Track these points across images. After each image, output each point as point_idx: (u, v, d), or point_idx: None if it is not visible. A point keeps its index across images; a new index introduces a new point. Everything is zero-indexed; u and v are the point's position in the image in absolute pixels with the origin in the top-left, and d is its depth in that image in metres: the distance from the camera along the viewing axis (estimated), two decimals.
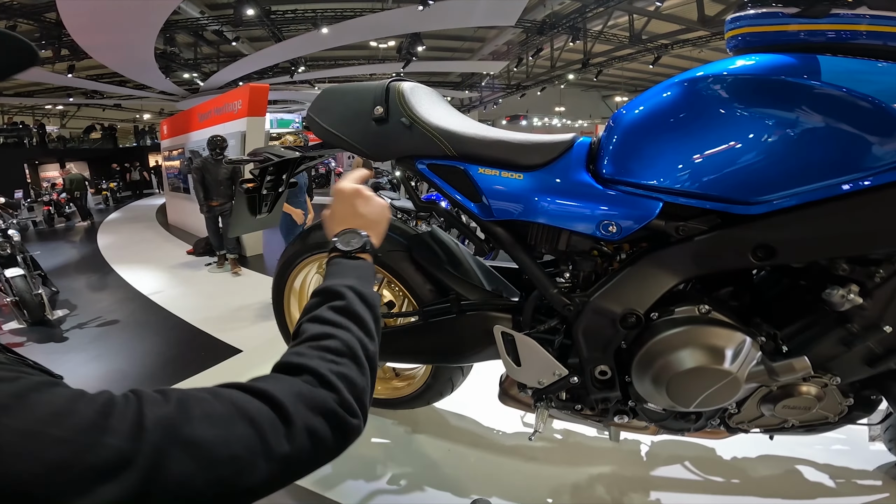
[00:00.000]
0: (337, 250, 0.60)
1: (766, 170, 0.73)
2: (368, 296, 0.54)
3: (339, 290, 0.53)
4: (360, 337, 0.48)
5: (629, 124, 0.83)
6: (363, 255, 0.61)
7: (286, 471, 0.37)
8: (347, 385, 0.43)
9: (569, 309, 0.91)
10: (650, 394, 0.91)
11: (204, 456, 0.33)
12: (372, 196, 0.69)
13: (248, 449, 0.35)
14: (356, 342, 0.47)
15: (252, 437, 0.35)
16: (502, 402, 1.21)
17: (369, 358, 0.48)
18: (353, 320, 0.50)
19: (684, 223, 0.82)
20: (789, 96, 0.71)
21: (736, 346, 0.80)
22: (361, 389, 0.44)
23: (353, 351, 0.46)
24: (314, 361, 0.43)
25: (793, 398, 0.89)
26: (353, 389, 0.43)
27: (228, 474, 0.34)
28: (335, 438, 0.40)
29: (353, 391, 0.43)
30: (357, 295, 0.53)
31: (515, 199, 0.91)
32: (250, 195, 1.39)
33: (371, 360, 0.48)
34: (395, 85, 1.02)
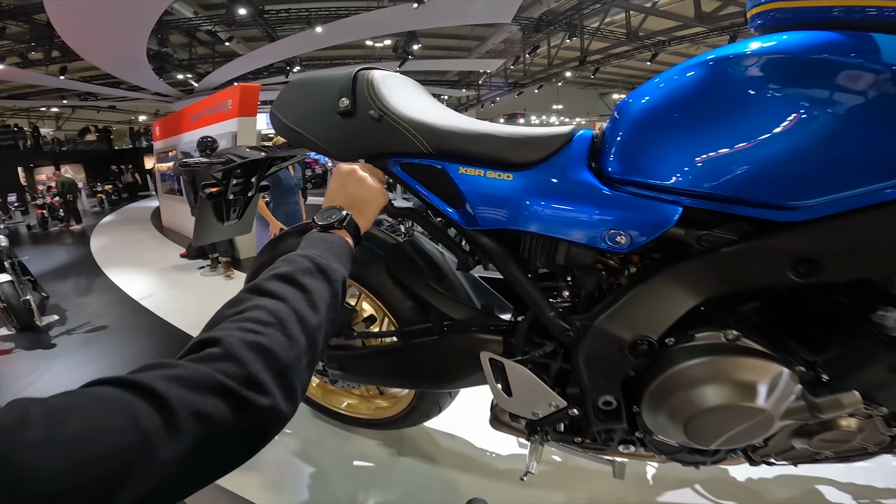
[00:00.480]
0: (316, 225, 0.60)
1: (810, 167, 0.59)
2: (327, 267, 0.50)
3: (293, 257, 0.50)
4: (296, 307, 0.43)
5: (640, 113, 0.68)
6: (339, 231, 0.59)
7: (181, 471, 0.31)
8: (263, 357, 0.37)
9: (568, 335, 0.77)
10: (662, 429, 0.77)
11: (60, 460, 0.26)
12: (366, 178, 0.69)
13: (117, 449, 0.28)
14: (289, 312, 0.42)
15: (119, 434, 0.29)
16: (494, 428, 1.08)
17: (306, 330, 0.42)
18: (296, 288, 0.45)
19: (708, 232, 0.68)
20: (844, 79, 0.57)
21: (772, 380, 0.66)
22: (285, 364, 0.38)
23: (281, 320, 0.41)
24: (225, 332, 0.38)
25: (832, 431, 0.76)
26: (270, 362, 0.37)
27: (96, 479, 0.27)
28: (239, 424, 0.34)
29: (270, 364, 0.37)
30: (314, 264, 0.49)
31: (504, 203, 0.76)
32: (215, 200, 1.26)
33: (309, 333, 0.43)
34: (363, 73, 0.88)
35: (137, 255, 5.76)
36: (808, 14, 0.63)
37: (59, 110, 18.88)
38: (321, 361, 1.21)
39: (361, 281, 1.05)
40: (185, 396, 0.32)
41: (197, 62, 12.21)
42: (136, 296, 3.96)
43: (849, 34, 0.59)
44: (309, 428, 1.60)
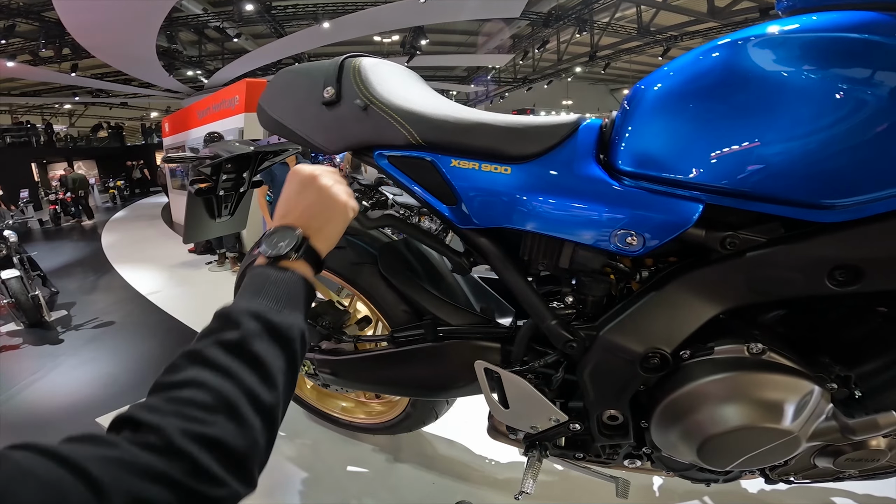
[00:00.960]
0: (262, 254, 0.49)
1: (852, 160, 0.51)
2: (281, 326, 0.42)
3: (238, 318, 0.41)
4: (249, 386, 0.38)
5: (657, 101, 0.60)
6: (294, 265, 0.48)
7: None
8: (212, 450, 0.33)
9: (571, 346, 0.70)
10: (672, 447, 0.70)
11: None
12: (330, 186, 0.54)
13: None
14: (239, 394, 0.37)
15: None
16: (492, 437, 1.01)
17: (262, 412, 0.38)
18: (246, 362, 0.39)
19: (733, 233, 0.60)
20: (889, 62, 0.50)
21: (801, 399, 0.58)
22: (240, 454, 0.35)
23: (230, 405, 0.36)
24: (165, 419, 0.33)
25: (860, 451, 0.68)
26: (221, 454, 0.34)
27: None
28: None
29: (221, 456, 0.34)
30: (264, 326, 0.41)
31: (501, 200, 0.69)
32: (205, 196, 1.21)
33: (265, 413, 0.38)
34: (350, 60, 0.81)
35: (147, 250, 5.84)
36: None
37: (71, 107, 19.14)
38: (312, 365, 1.15)
39: (352, 283, 0.99)
40: (124, 482, 0.29)
41: (206, 59, 12.28)
42: (145, 291, 3.99)
43: (889, 15, 0.51)
44: (303, 431, 1.56)
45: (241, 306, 0.43)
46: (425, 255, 0.99)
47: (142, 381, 2.42)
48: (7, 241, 3.59)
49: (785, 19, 0.57)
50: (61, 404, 2.31)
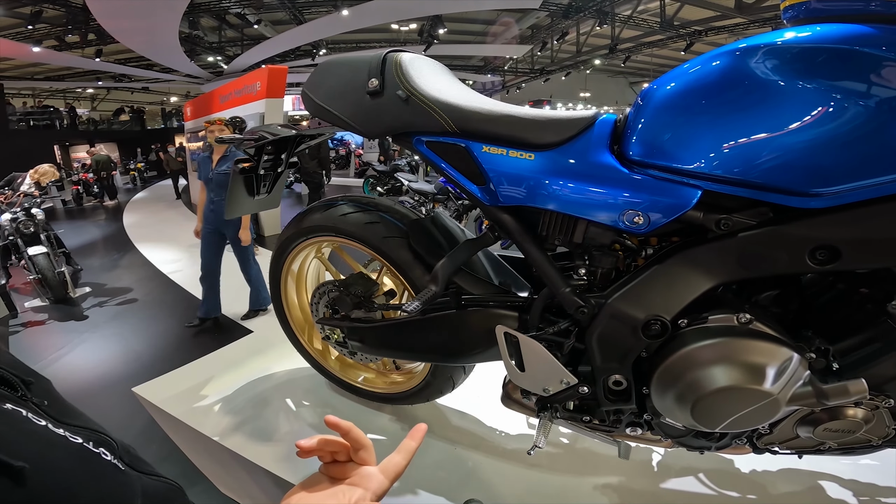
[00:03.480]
0: None
1: (833, 154, 0.59)
2: None
3: None
4: None
5: (664, 99, 0.69)
6: None
7: None
8: None
9: (582, 311, 0.80)
10: (669, 410, 0.79)
11: None
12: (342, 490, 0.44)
13: None
14: None
15: None
16: (505, 405, 1.11)
17: None
18: None
19: (727, 216, 0.68)
20: (874, 71, 0.57)
21: (781, 364, 0.67)
22: None
23: None
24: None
25: (837, 421, 0.76)
26: None
27: None
28: None
29: None
30: None
31: (525, 182, 0.78)
32: (247, 175, 1.32)
33: None
34: (392, 55, 0.91)
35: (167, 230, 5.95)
36: (845, 6, 0.63)
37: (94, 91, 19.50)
38: (342, 333, 1.26)
39: (383, 254, 1.09)
40: None
41: (226, 45, 12.41)
42: (166, 270, 4.12)
43: (883, 28, 0.59)
44: (326, 401, 1.67)
45: None
46: (451, 232, 1.09)
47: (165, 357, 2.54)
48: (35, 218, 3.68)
49: (782, 30, 0.65)
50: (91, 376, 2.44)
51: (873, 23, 0.60)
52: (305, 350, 1.57)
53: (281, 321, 1.55)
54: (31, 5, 8.87)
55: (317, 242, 1.30)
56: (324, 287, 1.29)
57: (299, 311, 1.56)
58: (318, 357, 1.57)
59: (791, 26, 0.67)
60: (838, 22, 0.62)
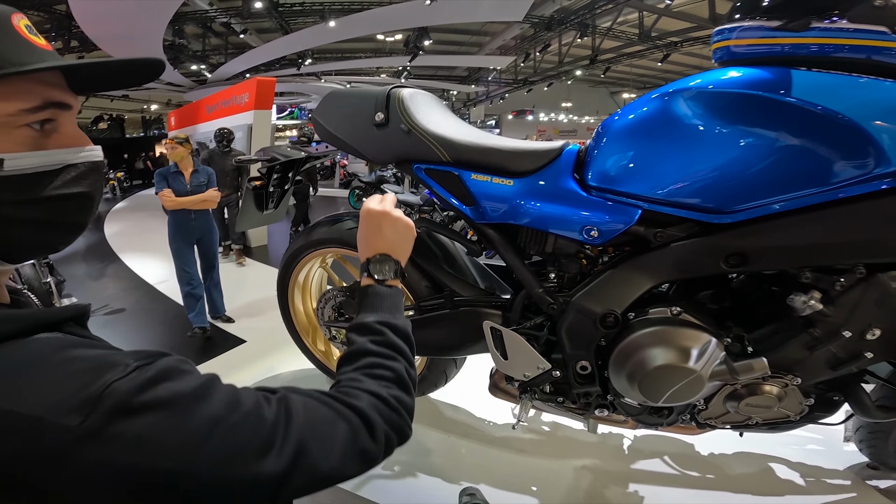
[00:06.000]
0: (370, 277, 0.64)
1: (738, 181, 0.79)
2: (402, 327, 0.60)
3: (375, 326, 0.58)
4: (404, 366, 0.56)
5: (612, 135, 0.88)
6: (393, 282, 0.65)
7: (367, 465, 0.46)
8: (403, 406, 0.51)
9: (552, 308, 0.98)
10: (625, 389, 0.97)
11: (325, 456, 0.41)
12: (399, 217, 0.70)
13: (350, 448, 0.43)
14: (403, 370, 0.55)
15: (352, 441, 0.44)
16: (492, 394, 1.28)
17: (412, 380, 0.56)
18: (396, 351, 0.57)
19: (662, 230, 0.87)
20: (760, 111, 0.76)
21: (701, 346, 0.86)
22: (410, 407, 0.53)
23: (400, 378, 0.54)
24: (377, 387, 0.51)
25: (755, 397, 0.94)
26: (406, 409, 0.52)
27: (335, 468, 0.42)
28: (398, 443, 0.50)
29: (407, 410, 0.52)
30: (392, 329, 0.58)
31: (505, 203, 0.97)
32: (258, 192, 1.47)
33: (413, 381, 0.56)
34: (395, 92, 1.08)
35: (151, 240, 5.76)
36: (760, 50, 0.81)
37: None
38: (343, 329, 1.41)
39: None
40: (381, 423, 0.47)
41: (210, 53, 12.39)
42: (152, 280, 4.03)
43: (771, 70, 0.77)
44: None
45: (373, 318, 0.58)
46: (443, 244, 1.26)
47: None
48: None
49: (708, 72, 0.82)
50: None
51: (787, 65, 0.76)
52: (310, 351, 1.71)
53: (287, 326, 1.69)
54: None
55: (322, 253, 1.46)
56: (329, 293, 1.44)
57: (304, 316, 1.70)
58: (321, 358, 1.71)
59: (719, 67, 0.85)
60: (759, 62, 0.79)
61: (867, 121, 0.72)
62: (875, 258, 0.80)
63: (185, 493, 0.32)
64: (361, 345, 0.56)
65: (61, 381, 0.31)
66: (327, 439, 0.42)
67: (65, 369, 0.31)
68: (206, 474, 0.33)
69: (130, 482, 0.30)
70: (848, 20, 0.74)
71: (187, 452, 0.32)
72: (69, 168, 0.39)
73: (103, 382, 0.31)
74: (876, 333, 0.84)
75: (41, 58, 0.38)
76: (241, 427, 0.36)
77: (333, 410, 0.45)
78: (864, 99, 0.73)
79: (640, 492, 1.35)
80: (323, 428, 0.42)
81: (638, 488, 1.36)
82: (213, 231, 2.83)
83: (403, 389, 0.53)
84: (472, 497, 1.25)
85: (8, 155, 0.35)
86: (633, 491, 1.36)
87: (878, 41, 0.73)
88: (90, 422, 0.29)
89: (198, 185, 2.73)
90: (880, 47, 0.74)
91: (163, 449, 0.31)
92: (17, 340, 0.33)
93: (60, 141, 0.39)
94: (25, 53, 0.37)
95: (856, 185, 0.75)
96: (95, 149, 0.42)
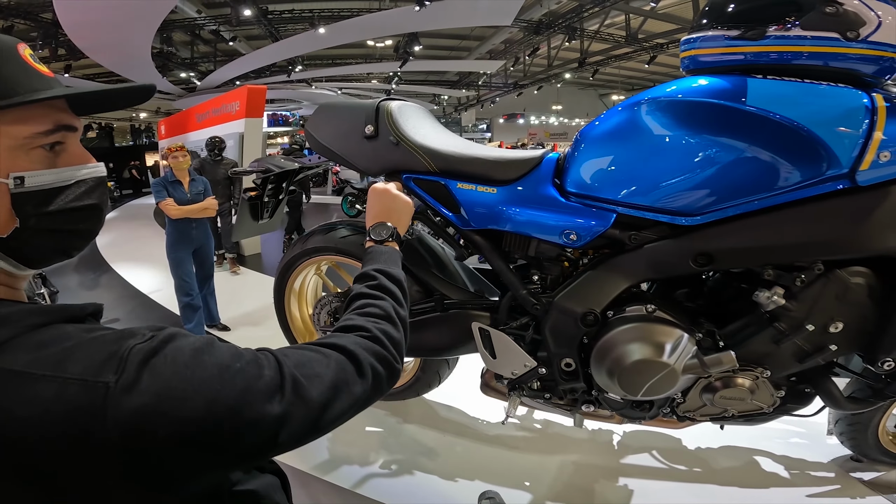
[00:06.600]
0: (371, 240, 0.76)
1: (701, 185, 0.84)
2: (395, 274, 0.69)
3: (373, 273, 0.67)
4: (392, 304, 0.62)
5: (587, 143, 0.94)
6: (390, 243, 0.75)
7: (358, 400, 0.50)
8: (389, 339, 0.56)
9: (536, 308, 1.03)
10: (606, 384, 1.02)
11: (316, 386, 0.45)
12: (399, 194, 0.83)
13: (339, 382, 0.47)
14: (391, 308, 0.61)
15: (339, 374, 0.48)
16: (483, 393, 1.33)
17: (401, 318, 0.62)
18: (386, 293, 0.64)
19: (637, 232, 0.93)
20: (717, 119, 0.81)
21: (674, 342, 0.92)
22: (398, 341, 0.58)
23: (388, 314, 0.60)
24: (365, 322, 0.57)
25: (729, 389, 0.99)
26: (393, 342, 0.57)
27: (330, 399, 0.46)
28: (387, 377, 0.54)
29: (393, 343, 0.56)
30: (386, 275, 0.67)
31: (490, 210, 1.02)
32: (253, 202, 1.51)
33: (403, 320, 0.62)
34: (384, 105, 1.13)
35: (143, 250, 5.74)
36: (722, 59, 0.86)
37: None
38: None
39: None
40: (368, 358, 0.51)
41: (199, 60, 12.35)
42: (146, 290, 4.02)
43: (728, 79, 0.82)
44: None
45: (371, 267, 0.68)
46: (434, 250, 1.31)
47: None
48: None
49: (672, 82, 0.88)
50: None
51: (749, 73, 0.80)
52: None
53: (285, 331, 1.72)
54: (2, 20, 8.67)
55: (317, 261, 1.50)
56: (325, 299, 1.49)
57: (301, 322, 1.73)
58: None
59: (687, 76, 0.90)
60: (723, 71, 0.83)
61: (817, 125, 0.77)
62: (831, 255, 0.86)
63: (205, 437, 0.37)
64: (358, 289, 0.64)
65: (94, 352, 0.36)
66: (318, 376, 0.46)
67: (95, 343, 0.37)
68: (222, 412, 0.38)
69: (160, 428, 0.35)
70: (801, 28, 0.77)
71: (205, 394, 0.37)
72: (79, 183, 0.44)
73: (127, 346, 0.37)
74: (839, 327, 0.89)
75: (49, 85, 0.43)
76: (244, 371, 0.41)
77: (319, 353, 0.49)
78: (814, 104, 0.78)
79: (629, 485, 1.40)
80: (311, 366, 0.46)
81: (627, 482, 1.41)
82: (211, 239, 2.86)
83: (391, 324, 0.59)
84: (492, 501, 1.29)
85: (28, 173, 0.40)
86: (623, 485, 1.40)
87: (832, 48, 0.77)
88: (123, 378, 0.35)
89: (197, 194, 2.75)
90: (836, 53, 0.77)
91: (185, 393, 0.37)
92: (53, 325, 0.38)
93: (69, 159, 0.44)
94: (36, 81, 0.41)
95: (810, 188, 0.81)
96: (99, 165, 0.47)
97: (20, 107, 0.39)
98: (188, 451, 0.37)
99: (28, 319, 0.37)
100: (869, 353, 0.92)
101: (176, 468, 0.37)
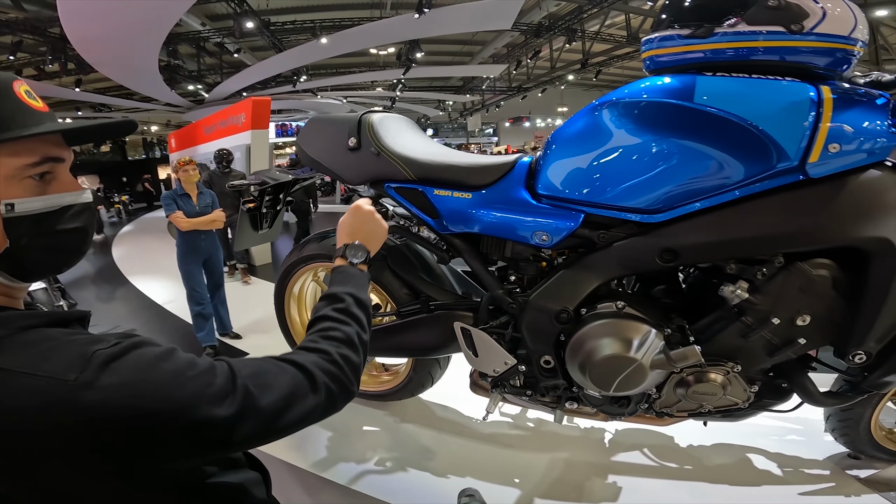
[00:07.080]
0: (344, 259, 0.78)
1: (658, 183, 0.88)
2: (363, 300, 0.71)
3: (342, 296, 0.69)
4: (357, 331, 0.65)
5: (554, 146, 0.99)
6: (362, 266, 0.78)
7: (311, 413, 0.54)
8: (348, 363, 0.59)
9: (512, 307, 1.08)
10: (581, 380, 1.05)
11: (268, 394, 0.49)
12: (380, 219, 0.86)
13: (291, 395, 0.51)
14: (354, 334, 0.64)
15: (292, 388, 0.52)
16: (473, 391, 1.37)
17: (362, 343, 0.65)
18: (351, 318, 0.66)
19: (605, 231, 0.97)
20: (669, 117, 0.84)
21: (641, 337, 0.95)
22: (356, 366, 0.61)
23: (350, 339, 0.63)
24: (326, 345, 0.60)
25: (701, 384, 1.00)
26: (351, 366, 0.60)
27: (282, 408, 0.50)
28: (341, 396, 0.58)
29: (351, 368, 0.60)
30: (354, 299, 0.69)
31: (465, 215, 1.08)
32: (252, 213, 1.59)
33: (364, 345, 0.65)
34: (366, 117, 1.20)
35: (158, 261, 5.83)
36: (681, 58, 0.89)
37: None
38: None
39: None
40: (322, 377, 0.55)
41: (206, 73, 12.59)
42: (160, 300, 4.12)
43: (678, 78, 0.84)
44: None
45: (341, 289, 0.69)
46: (420, 254, 1.37)
47: None
48: None
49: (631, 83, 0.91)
50: None
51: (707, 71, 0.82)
52: None
53: (284, 334, 1.79)
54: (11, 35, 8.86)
55: (314, 267, 1.57)
56: None
57: (300, 325, 1.80)
58: None
59: (649, 76, 0.93)
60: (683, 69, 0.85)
61: (762, 119, 0.78)
62: (791, 248, 0.88)
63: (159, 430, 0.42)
64: (325, 312, 0.66)
65: (64, 353, 0.41)
66: (271, 387, 0.50)
67: (70, 345, 0.42)
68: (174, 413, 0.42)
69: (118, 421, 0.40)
70: (745, 23, 0.79)
71: (159, 395, 0.42)
72: (66, 209, 0.49)
73: (92, 350, 0.42)
74: (806, 320, 0.90)
75: (40, 120, 0.48)
76: (198, 378, 0.45)
77: (276, 367, 0.53)
78: (759, 99, 0.79)
79: (621, 483, 1.40)
80: (266, 377, 0.51)
81: (619, 479, 1.42)
82: (219, 250, 2.95)
83: (352, 349, 0.62)
84: (472, 498, 1.32)
85: (18, 200, 0.45)
86: (614, 482, 1.41)
87: (780, 41, 0.78)
88: (83, 376, 0.40)
89: (205, 207, 2.85)
90: (790, 48, 0.79)
91: (141, 391, 0.41)
92: (39, 329, 0.44)
93: (59, 187, 0.49)
94: (28, 118, 0.47)
95: (764, 181, 0.83)
96: (86, 192, 0.52)
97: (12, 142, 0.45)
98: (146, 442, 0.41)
99: (18, 322, 0.43)
100: (839, 347, 0.93)
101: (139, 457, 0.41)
